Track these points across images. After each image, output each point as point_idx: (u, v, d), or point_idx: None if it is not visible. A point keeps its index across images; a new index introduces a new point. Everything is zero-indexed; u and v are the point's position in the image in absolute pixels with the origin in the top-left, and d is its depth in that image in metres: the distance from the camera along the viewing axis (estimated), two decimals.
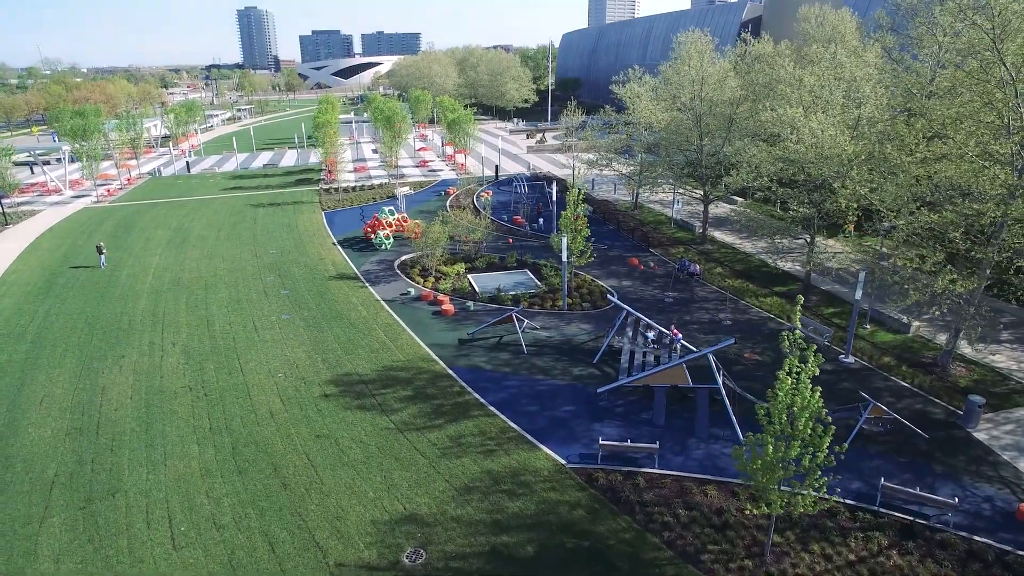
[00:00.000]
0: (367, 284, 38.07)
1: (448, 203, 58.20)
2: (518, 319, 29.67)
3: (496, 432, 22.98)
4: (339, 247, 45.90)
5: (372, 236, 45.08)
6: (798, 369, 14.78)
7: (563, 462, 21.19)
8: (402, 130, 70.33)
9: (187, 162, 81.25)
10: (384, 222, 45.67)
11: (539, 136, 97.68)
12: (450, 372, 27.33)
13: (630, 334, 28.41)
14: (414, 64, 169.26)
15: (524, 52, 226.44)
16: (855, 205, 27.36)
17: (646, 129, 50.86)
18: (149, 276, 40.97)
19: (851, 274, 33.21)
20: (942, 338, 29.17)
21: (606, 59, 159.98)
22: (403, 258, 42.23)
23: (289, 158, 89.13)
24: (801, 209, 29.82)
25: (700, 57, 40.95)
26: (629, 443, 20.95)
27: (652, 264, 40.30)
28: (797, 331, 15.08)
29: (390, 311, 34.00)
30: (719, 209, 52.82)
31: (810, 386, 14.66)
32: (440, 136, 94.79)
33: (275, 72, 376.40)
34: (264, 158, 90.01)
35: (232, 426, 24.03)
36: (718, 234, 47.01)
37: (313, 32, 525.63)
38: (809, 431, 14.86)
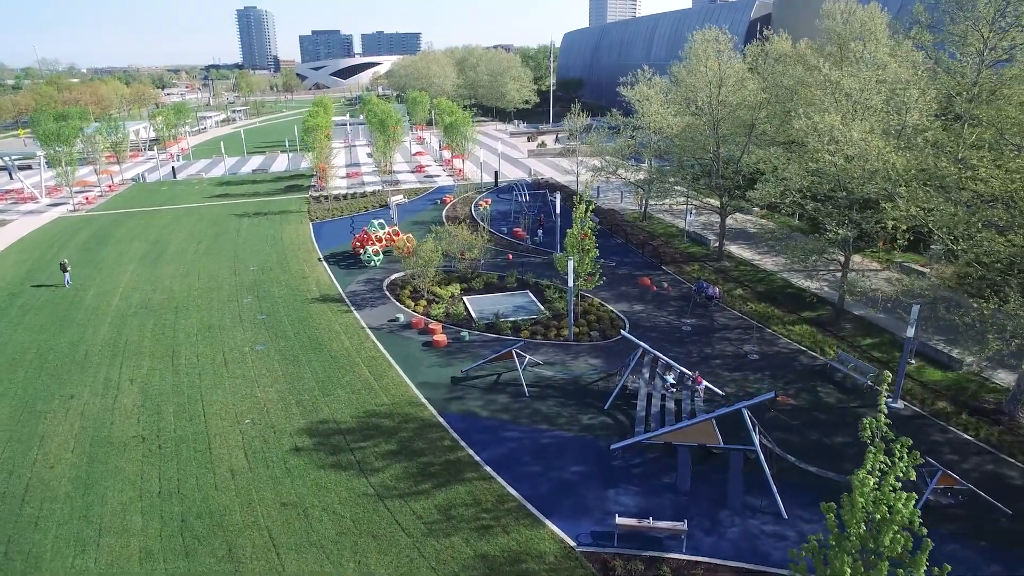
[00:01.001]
0: (352, 308, 34.58)
1: (444, 213, 54.71)
2: (518, 355, 26.18)
3: (493, 501, 19.47)
4: (325, 263, 42.42)
5: (360, 252, 41.57)
6: (882, 467, 11.28)
7: (572, 544, 17.68)
8: (396, 134, 66.82)
9: (173, 167, 77.81)
10: (373, 237, 42.14)
11: (540, 140, 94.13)
12: (440, 420, 23.83)
13: (646, 375, 24.91)
14: (412, 64, 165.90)
15: (525, 52, 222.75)
16: (904, 228, 23.83)
17: (656, 133, 47.36)
18: (116, 297, 37.51)
19: (890, 298, 29.70)
20: (1003, 376, 25.65)
21: (609, 59, 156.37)
22: (393, 277, 38.74)
23: (281, 163, 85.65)
24: (841, 231, 26.27)
25: (718, 57, 37.41)
26: (651, 522, 17.45)
27: (666, 285, 36.78)
28: (882, 416, 11.58)
29: (376, 341, 30.50)
30: (734, 220, 49.28)
31: (901, 491, 11.16)
32: (438, 139, 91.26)
33: (274, 72, 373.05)
34: (255, 163, 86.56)
35: (185, 489, 20.54)
36: (734, 248, 43.48)
37: (313, 32, 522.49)
38: (899, 548, 11.35)
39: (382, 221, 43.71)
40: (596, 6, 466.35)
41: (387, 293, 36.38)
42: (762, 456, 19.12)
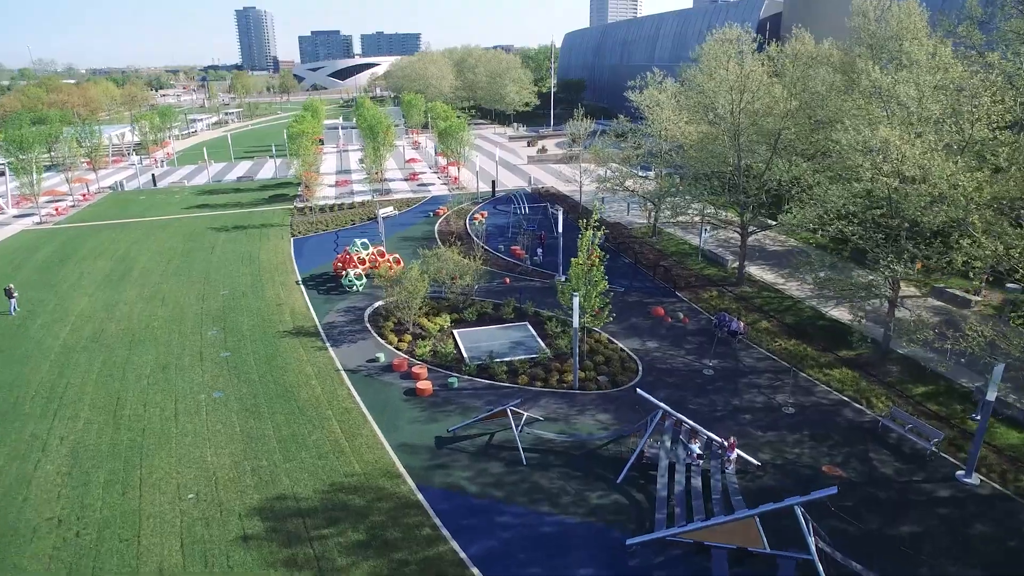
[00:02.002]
0: (328, 344, 30.54)
1: (437, 227, 50.68)
2: (514, 414, 22.17)
3: None
4: (303, 287, 38.41)
5: (342, 275, 37.55)
6: None
7: None
8: (387, 140, 62.82)
9: (153, 175, 73.81)
10: (355, 258, 38.09)
11: (540, 145, 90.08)
12: (420, 498, 19.80)
13: (667, 442, 20.88)
14: (410, 65, 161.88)
15: (525, 52, 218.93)
16: (979, 264, 19.78)
17: (666, 142, 43.38)
18: (66, 328, 33.51)
19: (964, 352, 25.35)
20: None
21: (611, 59, 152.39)
22: (376, 304, 34.70)
23: (268, 169, 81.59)
24: (898, 267, 22.22)
25: (739, 59, 33.39)
26: None
27: (682, 316, 32.71)
28: None
29: (351, 387, 26.48)
30: (755, 239, 45.17)
31: None
32: (434, 144, 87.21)
33: (273, 73, 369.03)
34: (241, 169, 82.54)
35: None
36: (754, 269, 39.40)
37: (312, 32, 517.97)
38: None
39: (365, 240, 39.61)
40: (597, 6, 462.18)
41: (368, 325, 32.35)
42: (820, 567, 15.10)
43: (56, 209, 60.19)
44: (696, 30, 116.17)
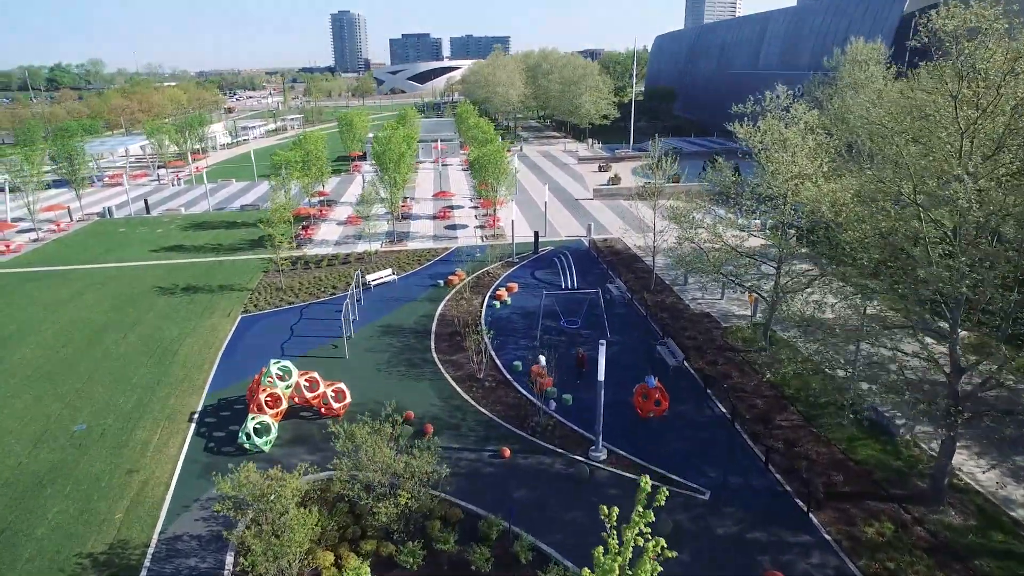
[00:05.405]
0: None
1: (441, 307, 35.80)
2: None
3: None
4: (194, 424, 24.64)
5: (247, 417, 23.26)
6: None
7: None
8: (401, 172, 48.64)
9: (146, 200, 63.09)
10: (261, 396, 23.65)
11: (613, 173, 73.60)
12: None
13: None
14: (481, 71, 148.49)
15: (613, 57, 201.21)
16: None
17: (800, 210, 26.74)
18: None
19: None
20: None
21: (707, 65, 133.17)
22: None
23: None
24: None
25: (973, 89, 16.29)
26: None
27: None
28: None
29: None
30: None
31: None
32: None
33: (361, 75, 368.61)
34: (259, 191, 71.01)
35: None
36: (964, 459, 21.92)
37: (403, 35, 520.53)
38: None
39: (287, 364, 24.94)
40: (692, 6, 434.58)
41: (228, 559, 17.81)
42: None
43: (6, 246, 49.87)
44: (814, 31, 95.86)
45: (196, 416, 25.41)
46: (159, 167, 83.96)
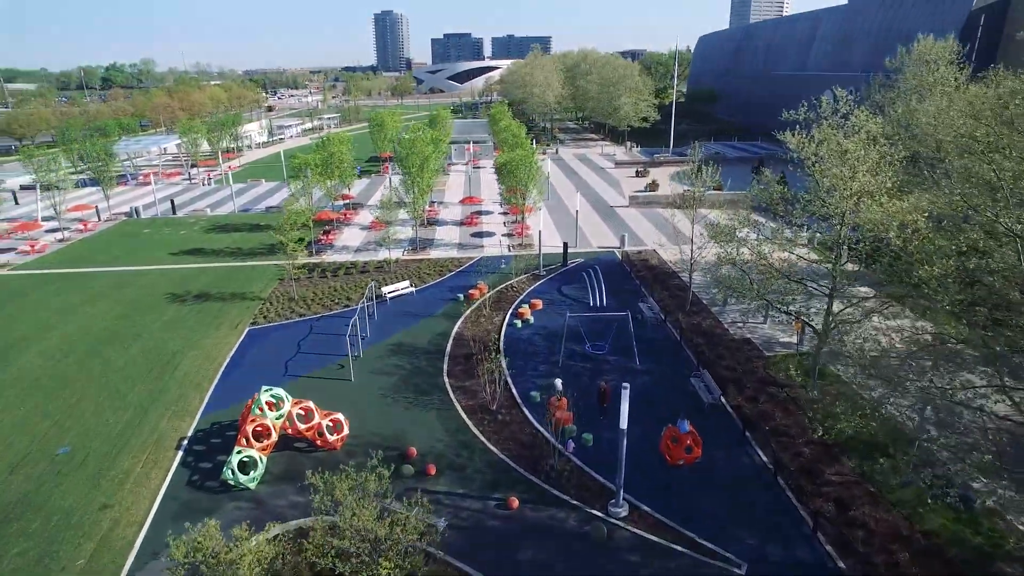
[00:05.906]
0: None
1: (458, 325, 33.42)
2: None
3: None
4: (182, 452, 22.82)
5: (236, 450, 21.27)
6: None
7: None
8: (425, 176, 46.46)
9: (172, 200, 62.54)
10: (249, 426, 21.61)
11: (651, 179, 70.30)
12: None
13: None
14: (519, 70, 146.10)
15: (655, 57, 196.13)
16: None
17: (860, 234, 23.57)
18: None
19: None
20: None
21: (752, 66, 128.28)
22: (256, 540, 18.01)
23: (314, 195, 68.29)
24: None
25: None
26: None
27: None
28: None
29: None
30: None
31: None
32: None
33: (403, 74, 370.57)
34: (286, 192, 69.92)
35: None
36: None
37: (445, 35, 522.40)
38: None
39: (278, 391, 22.88)
40: (738, 7, 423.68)
41: None
42: None
43: (31, 246, 49.59)
44: (867, 29, 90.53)
45: (185, 443, 23.58)
46: (192, 166, 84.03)
